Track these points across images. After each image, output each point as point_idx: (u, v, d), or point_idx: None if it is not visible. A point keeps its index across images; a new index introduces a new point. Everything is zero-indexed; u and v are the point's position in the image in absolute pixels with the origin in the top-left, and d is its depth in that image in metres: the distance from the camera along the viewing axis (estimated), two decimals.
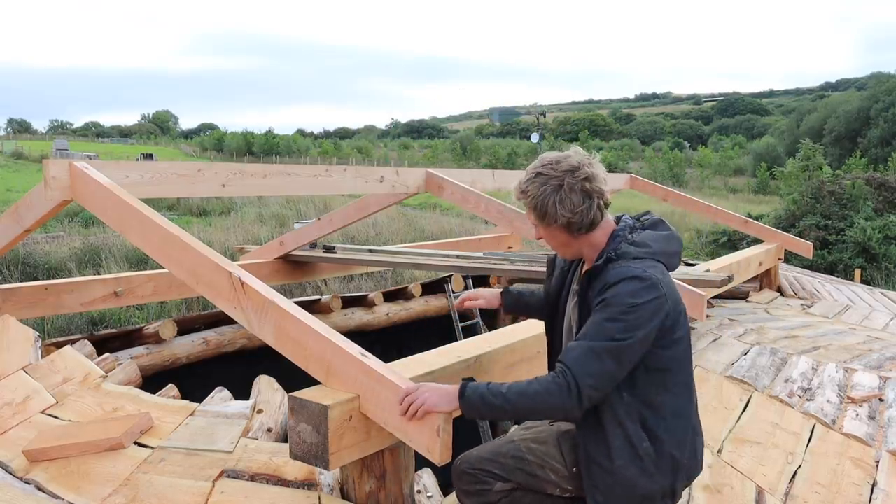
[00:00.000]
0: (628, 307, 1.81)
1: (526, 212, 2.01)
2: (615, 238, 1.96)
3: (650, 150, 71.22)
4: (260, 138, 76.45)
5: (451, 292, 6.98)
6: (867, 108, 48.03)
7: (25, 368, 3.34)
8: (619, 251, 1.92)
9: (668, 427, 1.94)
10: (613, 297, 1.83)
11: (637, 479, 1.91)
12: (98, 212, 3.13)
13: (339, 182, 4.51)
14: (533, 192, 1.93)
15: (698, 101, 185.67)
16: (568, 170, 1.91)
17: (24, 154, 48.38)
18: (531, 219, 2.00)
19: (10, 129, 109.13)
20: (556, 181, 1.90)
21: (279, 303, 2.38)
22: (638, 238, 1.97)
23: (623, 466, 1.90)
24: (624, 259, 1.90)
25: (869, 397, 3.63)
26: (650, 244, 1.96)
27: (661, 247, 1.98)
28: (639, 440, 1.91)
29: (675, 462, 1.95)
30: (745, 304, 6.10)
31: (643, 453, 1.91)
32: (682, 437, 1.98)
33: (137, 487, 2.37)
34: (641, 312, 1.82)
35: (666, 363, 1.92)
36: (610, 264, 1.91)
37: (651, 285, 1.85)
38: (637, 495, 1.93)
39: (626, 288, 1.83)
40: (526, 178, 1.96)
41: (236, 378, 3.87)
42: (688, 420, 2.01)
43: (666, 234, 2.03)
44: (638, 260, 1.90)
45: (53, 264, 10.16)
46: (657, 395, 1.93)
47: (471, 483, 2.09)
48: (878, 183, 16.83)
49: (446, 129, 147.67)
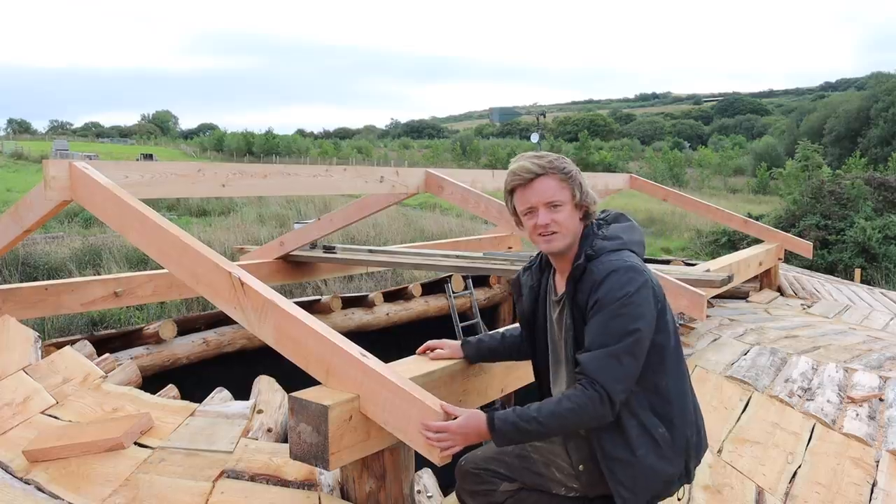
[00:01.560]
0: (625, 298, 1.85)
1: (554, 187, 1.99)
2: (587, 237, 2.02)
3: (650, 150, 71.30)
4: (260, 138, 76.46)
5: (451, 292, 6.98)
6: (867, 108, 48.05)
7: (25, 369, 3.34)
8: (595, 247, 1.98)
9: (676, 409, 1.99)
10: (607, 294, 1.87)
11: (658, 464, 1.95)
12: (98, 212, 3.13)
13: (339, 182, 4.51)
14: (574, 169, 2.01)
15: (698, 101, 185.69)
16: None
17: (23, 154, 48.35)
18: (563, 195, 1.99)
19: (10, 130, 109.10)
20: (578, 170, 2.03)
21: (279, 303, 2.38)
22: (608, 232, 2.03)
23: (644, 455, 1.93)
24: (602, 254, 1.96)
25: (869, 397, 3.63)
26: (620, 235, 2.03)
27: (630, 237, 2.05)
28: (654, 427, 1.95)
29: (687, 442, 2.01)
30: (745, 304, 6.09)
31: (660, 439, 1.95)
32: (689, 416, 2.03)
33: (137, 488, 2.37)
34: (637, 299, 1.87)
35: (662, 346, 1.97)
36: (591, 262, 1.95)
37: (636, 272, 1.91)
38: (660, 481, 1.97)
39: (615, 280, 1.88)
40: (554, 159, 2.01)
41: (236, 378, 3.87)
42: (690, 398, 2.07)
43: (629, 224, 2.10)
44: (614, 252, 1.96)
45: (53, 264, 10.17)
46: (660, 379, 1.97)
47: (476, 483, 2.08)
48: (877, 183, 16.85)
49: (446, 129, 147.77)
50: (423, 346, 2.47)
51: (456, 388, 2.44)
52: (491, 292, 7.51)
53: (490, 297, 7.51)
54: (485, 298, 7.42)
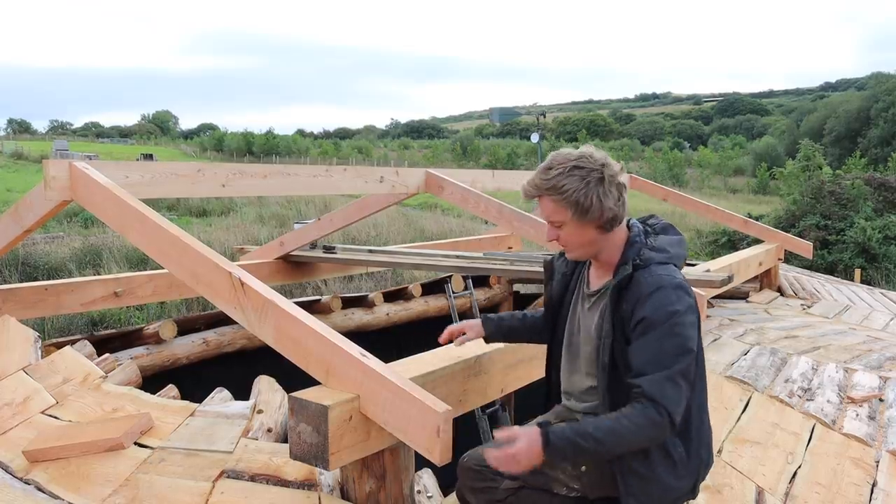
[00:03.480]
0: (675, 317, 1.82)
1: (550, 209, 1.93)
2: (633, 244, 1.96)
3: (650, 150, 71.29)
4: (260, 138, 76.47)
5: (451, 292, 6.97)
6: (867, 108, 48.07)
7: (25, 369, 3.34)
8: (643, 257, 1.92)
9: (695, 427, 1.98)
10: (654, 312, 1.82)
11: (672, 483, 1.94)
12: (98, 212, 3.13)
13: (339, 182, 4.51)
14: (573, 187, 1.86)
15: (698, 102, 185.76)
16: (604, 163, 1.90)
17: (23, 154, 48.32)
18: (560, 216, 1.92)
19: (10, 130, 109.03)
20: (597, 174, 1.87)
21: (279, 303, 2.38)
22: (657, 243, 1.97)
23: (662, 473, 1.92)
24: (650, 266, 1.90)
25: (869, 397, 3.63)
26: (668, 249, 1.97)
27: (677, 251, 1.99)
28: (674, 447, 1.93)
29: (700, 461, 2.01)
30: (745, 304, 6.10)
31: (677, 459, 1.94)
32: (704, 433, 2.02)
33: (137, 488, 2.37)
34: (685, 319, 1.83)
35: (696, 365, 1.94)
36: (637, 272, 1.90)
37: (684, 290, 1.87)
38: (671, 498, 1.97)
39: (664, 298, 1.83)
40: (558, 172, 1.89)
41: (236, 378, 3.86)
42: (707, 415, 2.05)
43: (678, 238, 2.04)
44: (661, 265, 1.91)
45: (53, 264, 10.16)
46: (690, 399, 1.93)
47: (477, 480, 2.07)
48: (878, 183, 16.84)
49: (446, 129, 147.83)
50: (446, 333, 2.33)
51: (456, 388, 2.44)
52: (491, 292, 7.51)
53: (490, 298, 7.50)
54: (485, 298, 7.41)
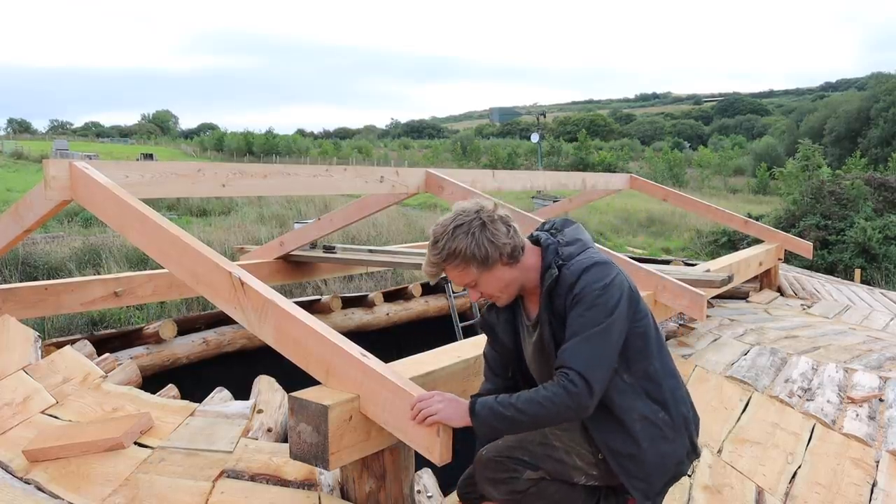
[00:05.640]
0: (600, 290, 1.90)
1: (456, 275, 1.99)
2: (548, 247, 2.03)
3: (650, 150, 71.29)
4: (260, 138, 76.46)
5: (451, 292, 6.98)
6: (867, 108, 48.08)
7: (25, 368, 3.34)
8: (563, 255, 2.00)
9: (669, 389, 2.04)
10: (582, 290, 1.90)
11: (665, 449, 1.99)
12: (98, 212, 3.13)
13: (339, 182, 4.51)
14: (464, 245, 1.93)
15: (698, 101, 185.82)
16: (478, 209, 1.98)
17: (23, 154, 48.31)
18: (469, 276, 1.98)
19: (10, 129, 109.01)
20: (477, 222, 1.95)
21: (279, 303, 2.38)
22: (566, 238, 2.06)
23: (650, 445, 1.97)
24: (570, 259, 1.98)
25: (869, 397, 3.63)
26: (579, 237, 2.07)
27: (585, 236, 2.10)
28: (654, 413, 1.99)
29: (685, 419, 2.06)
30: (745, 304, 6.10)
31: (661, 423, 1.99)
32: (680, 393, 2.08)
33: (137, 487, 2.37)
34: (612, 290, 1.91)
35: (644, 332, 2.01)
36: (561, 271, 1.97)
37: (607, 265, 1.96)
38: (671, 465, 2.02)
39: (590, 276, 1.92)
40: (445, 240, 1.94)
41: (236, 378, 3.87)
42: (678, 376, 2.12)
43: (577, 225, 2.14)
44: (581, 253, 2.00)
45: (53, 264, 10.15)
46: (649, 364, 2.01)
47: (498, 470, 2.05)
48: (878, 183, 16.83)
49: (446, 129, 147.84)
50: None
51: (456, 388, 2.44)
52: None
53: None
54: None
